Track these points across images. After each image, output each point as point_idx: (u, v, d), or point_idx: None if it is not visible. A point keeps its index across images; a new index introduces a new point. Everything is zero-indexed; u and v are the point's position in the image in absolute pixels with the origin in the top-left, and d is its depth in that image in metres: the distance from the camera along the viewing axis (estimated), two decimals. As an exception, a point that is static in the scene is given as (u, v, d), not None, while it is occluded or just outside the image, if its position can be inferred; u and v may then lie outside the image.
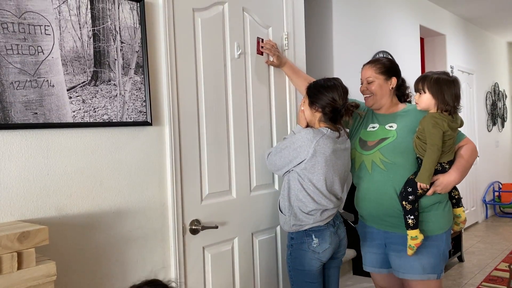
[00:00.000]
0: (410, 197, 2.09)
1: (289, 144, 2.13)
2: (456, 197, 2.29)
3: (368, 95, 2.31)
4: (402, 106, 2.32)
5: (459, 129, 2.15)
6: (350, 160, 2.26)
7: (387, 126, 2.26)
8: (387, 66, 2.30)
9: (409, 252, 2.13)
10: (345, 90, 2.14)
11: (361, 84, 2.36)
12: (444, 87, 2.04)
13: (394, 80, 2.28)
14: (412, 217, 2.09)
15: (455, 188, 2.25)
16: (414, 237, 2.10)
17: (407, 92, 2.38)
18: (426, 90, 2.07)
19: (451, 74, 2.13)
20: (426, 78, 2.09)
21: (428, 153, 2.02)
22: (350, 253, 3.57)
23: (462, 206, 2.30)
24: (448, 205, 2.24)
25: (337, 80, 2.17)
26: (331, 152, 2.09)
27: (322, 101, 2.12)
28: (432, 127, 2.01)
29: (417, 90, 2.12)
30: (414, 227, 2.10)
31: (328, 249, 2.12)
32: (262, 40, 2.42)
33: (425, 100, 2.09)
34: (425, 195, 2.13)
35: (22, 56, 1.51)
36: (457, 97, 2.06)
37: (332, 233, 2.15)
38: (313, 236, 2.11)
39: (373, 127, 2.30)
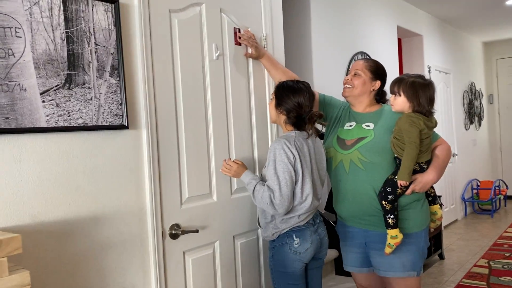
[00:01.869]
0: (389, 196, 2.11)
1: (279, 166, 2.04)
2: (432, 194, 2.33)
3: (348, 86, 2.32)
4: (378, 107, 2.34)
5: (433, 129, 2.19)
6: (324, 159, 2.26)
7: (364, 125, 2.27)
8: (378, 68, 2.35)
9: (387, 250, 2.14)
10: (312, 96, 2.16)
11: (347, 75, 2.39)
12: (419, 91, 2.08)
13: (378, 83, 2.32)
14: (392, 216, 2.11)
15: (431, 186, 2.28)
16: (394, 236, 2.12)
17: (385, 99, 2.40)
18: (402, 93, 2.11)
19: (426, 77, 2.17)
20: (402, 81, 2.12)
21: (407, 151, 2.05)
22: (332, 254, 3.57)
23: (438, 203, 2.34)
24: (425, 203, 2.27)
25: (305, 85, 2.18)
26: (305, 152, 2.10)
27: (288, 105, 2.13)
28: (409, 126, 2.04)
29: (392, 92, 2.16)
30: (394, 226, 2.12)
31: (309, 248, 2.11)
32: (239, 30, 2.40)
33: (400, 103, 2.13)
34: (404, 194, 2.15)
35: (-8, 59, 1.47)
36: (431, 101, 2.11)
37: (312, 232, 2.14)
38: (294, 237, 2.10)
39: (350, 126, 2.31)
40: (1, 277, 1.26)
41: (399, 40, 5.78)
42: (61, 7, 1.65)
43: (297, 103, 2.11)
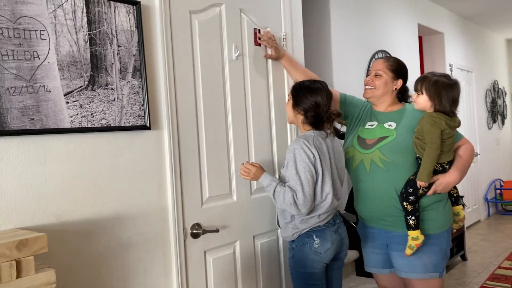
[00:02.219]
0: (410, 197, 2.08)
1: (300, 166, 2.03)
2: (455, 195, 2.29)
3: (369, 87, 2.30)
4: (400, 105, 2.31)
5: (456, 129, 2.15)
6: (343, 158, 2.24)
7: (385, 125, 2.25)
8: (399, 66, 2.31)
9: (408, 251, 2.12)
10: (329, 95, 2.15)
11: (367, 76, 2.36)
12: (442, 91, 2.04)
13: (400, 82, 2.29)
14: (413, 217, 2.09)
15: (454, 186, 2.25)
16: (415, 237, 2.10)
17: (407, 97, 2.37)
18: (424, 91, 2.08)
19: (452, 77, 2.12)
20: (425, 79, 2.09)
21: (427, 151, 2.02)
22: (353, 254, 3.55)
23: (461, 204, 2.30)
24: (448, 203, 2.23)
25: (322, 84, 2.16)
26: (325, 152, 2.09)
27: (305, 105, 2.12)
28: (430, 125, 2.01)
29: (415, 89, 2.12)
30: (415, 227, 2.09)
31: (330, 248, 2.10)
32: (259, 31, 2.40)
33: (421, 101, 2.09)
34: (425, 195, 2.12)
35: (18, 61, 1.50)
36: (454, 101, 2.06)
37: (332, 232, 2.13)
38: (314, 237, 2.09)
39: (371, 125, 2.28)
40: (27, 275, 1.29)
41: (420, 38, 5.70)
42: (84, 10, 1.68)
43: (314, 103, 2.10)
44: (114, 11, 1.76)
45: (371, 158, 2.20)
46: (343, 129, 2.52)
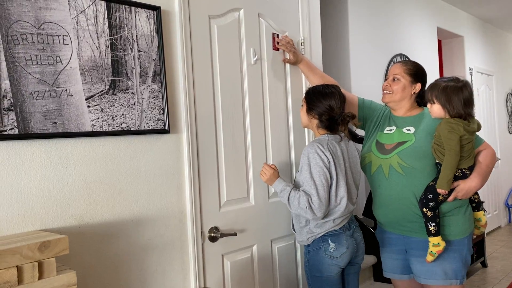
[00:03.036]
0: (430, 203, 2.06)
1: (314, 170, 2.03)
2: (476, 200, 2.25)
3: (387, 92, 2.28)
4: (419, 110, 2.29)
5: (477, 133, 2.11)
6: (358, 162, 2.23)
7: (404, 130, 2.22)
8: (418, 70, 2.29)
9: (429, 258, 2.09)
10: (342, 99, 2.16)
11: (385, 80, 2.34)
12: (452, 96, 2.01)
13: (418, 86, 2.26)
14: (433, 224, 2.06)
15: (475, 192, 2.21)
16: (436, 244, 2.06)
17: (426, 98, 2.35)
18: (435, 100, 2.05)
19: (460, 79, 2.09)
20: (434, 87, 2.06)
21: (446, 158, 1.99)
22: (371, 260, 3.51)
23: (482, 209, 2.26)
24: (468, 209, 2.20)
25: (335, 88, 2.17)
26: (339, 155, 2.08)
27: (319, 108, 2.12)
28: (448, 132, 1.98)
29: (427, 99, 2.10)
30: (436, 234, 2.06)
31: (345, 253, 2.09)
32: (278, 35, 2.41)
33: (436, 110, 2.07)
34: (445, 201, 2.09)
35: (41, 66, 1.53)
36: (467, 103, 2.02)
37: (348, 236, 2.12)
38: (329, 241, 2.08)
39: (390, 130, 2.26)
40: (49, 276, 1.31)
41: (439, 42, 5.65)
42: (106, 15, 1.70)
43: (328, 106, 2.11)
44: (135, 17, 1.78)
45: (390, 163, 2.18)
46: (361, 133, 2.51)
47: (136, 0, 1.79)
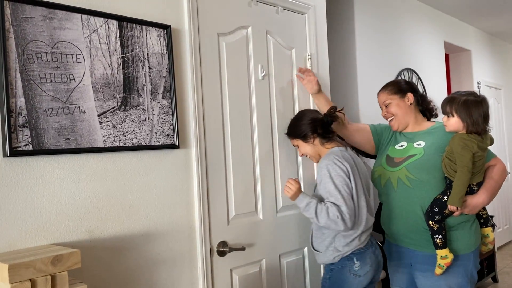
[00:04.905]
0: (436, 216, 2.06)
1: (337, 180, 2.01)
2: (484, 216, 2.23)
3: (390, 118, 2.31)
4: (430, 124, 2.31)
5: (488, 148, 2.11)
6: (367, 173, 2.25)
7: (415, 144, 2.24)
8: (398, 85, 2.32)
9: (438, 271, 2.07)
10: (315, 110, 2.30)
11: (382, 110, 2.37)
12: (473, 109, 2.01)
13: (410, 96, 2.28)
14: (439, 236, 2.05)
15: (483, 207, 2.20)
16: (443, 256, 2.05)
17: (431, 106, 2.36)
18: (454, 113, 2.04)
19: (478, 93, 2.10)
20: (453, 100, 2.06)
21: (459, 175, 1.99)
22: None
23: (490, 225, 2.25)
24: (475, 224, 2.19)
25: (303, 111, 2.30)
26: (353, 165, 2.09)
27: (306, 128, 2.18)
28: (462, 148, 1.98)
29: (445, 112, 2.10)
30: (443, 246, 2.05)
31: (369, 272, 2.07)
32: (301, 67, 2.50)
33: (453, 124, 2.06)
34: (451, 215, 2.09)
35: (55, 84, 1.57)
36: (485, 118, 2.03)
37: (371, 253, 2.11)
38: (355, 260, 2.06)
39: (402, 145, 2.28)
40: (61, 290, 1.33)
41: (447, 56, 5.66)
42: (118, 34, 1.75)
43: (310, 119, 2.18)
44: (146, 35, 1.83)
45: (398, 175, 2.19)
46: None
47: (147, 19, 1.83)
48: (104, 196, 1.69)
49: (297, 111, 2.50)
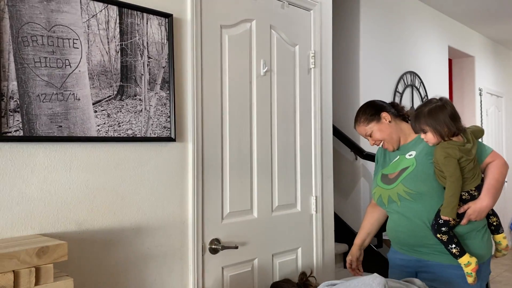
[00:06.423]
0: (443, 228, 2.00)
1: None
2: (495, 223, 2.17)
3: (381, 143, 2.24)
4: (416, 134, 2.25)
5: (483, 143, 2.05)
6: None
7: (407, 155, 2.18)
8: (369, 112, 2.23)
9: (470, 280, 1.99)
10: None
11: (368, 140, 2.30)
12: (439, 115, 1.96)
13: (385, 114, 2.21)
14: (453, 245, 1.98)
15: (493, 214, 2.15)
16: (466, 263, 1.99)
17: (404, 112, 2.29)
18: (426, 127, 2.00)
19: (437, 98, 2.05)
20: (419, 116, 2.01)
21: (448, 185, 1.95)
22: (342, 248, 3.43)
23: (502, 232, 2.19)
24: (486, 233, 2.11)
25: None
26: None
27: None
28: (444, 158, 1.94)
29: (417, 131, 2.05)
30: (461, 254, 1.98)
31: None
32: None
33: (431, 138, 2.01)
34: (459, 224, 2.03)
35: (50, 68, 1.51)
36: (454, 117, 1.98)
37: None
38: None
39: (396, 159, 2.23)
40: (46, 283, 1.28)
41: (450, 61, 5.63)
42: (117, 20, 1.69)
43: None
44: (147, 23, 1.77)
45: (397, 192, 2.12)
46: (366, 148, 2.47)
47: (149, 7, 1.78)
48: (95, 187, 1.64)
49: (298, 109, 2.45)
